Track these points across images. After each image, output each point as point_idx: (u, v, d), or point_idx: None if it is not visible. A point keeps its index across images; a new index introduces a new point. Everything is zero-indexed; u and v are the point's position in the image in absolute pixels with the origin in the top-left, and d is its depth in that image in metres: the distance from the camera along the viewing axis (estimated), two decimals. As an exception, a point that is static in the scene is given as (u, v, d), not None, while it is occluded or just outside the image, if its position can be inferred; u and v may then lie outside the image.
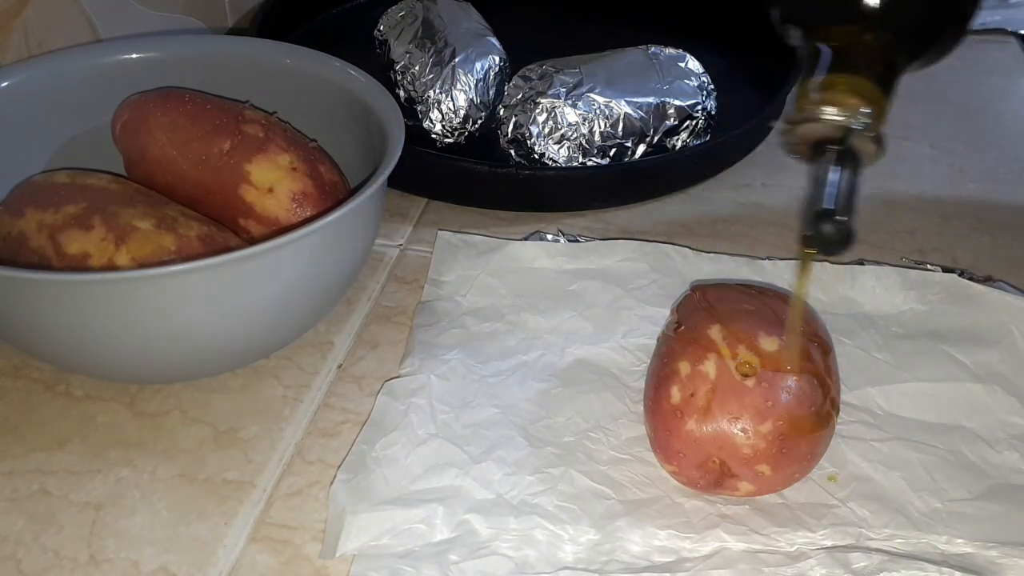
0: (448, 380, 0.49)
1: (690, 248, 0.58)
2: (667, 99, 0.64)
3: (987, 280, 0.56)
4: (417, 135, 0.66)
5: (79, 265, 0.44)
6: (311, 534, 0.42)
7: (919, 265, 0.57)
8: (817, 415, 0.41)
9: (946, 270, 0.56)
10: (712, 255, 0.58)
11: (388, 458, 0.44)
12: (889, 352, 0.52)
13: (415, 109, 0.67)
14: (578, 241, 0.58)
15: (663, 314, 0.49)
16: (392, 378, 0.49)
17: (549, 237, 0.58)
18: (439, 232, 0.59)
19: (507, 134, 0.64)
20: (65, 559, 0.41)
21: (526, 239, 0.59)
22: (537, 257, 0.57)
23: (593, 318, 0.53)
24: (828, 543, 0.42)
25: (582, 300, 0.54)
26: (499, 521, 0.42)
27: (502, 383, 0.49)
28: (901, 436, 0.47)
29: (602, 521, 0.42)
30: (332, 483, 0.43)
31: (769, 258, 0.58)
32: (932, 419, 0.48)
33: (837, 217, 0.36)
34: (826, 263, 0.57)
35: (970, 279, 0.55)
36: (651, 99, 0.64)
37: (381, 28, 0.74)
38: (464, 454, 0.45)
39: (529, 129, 0.62)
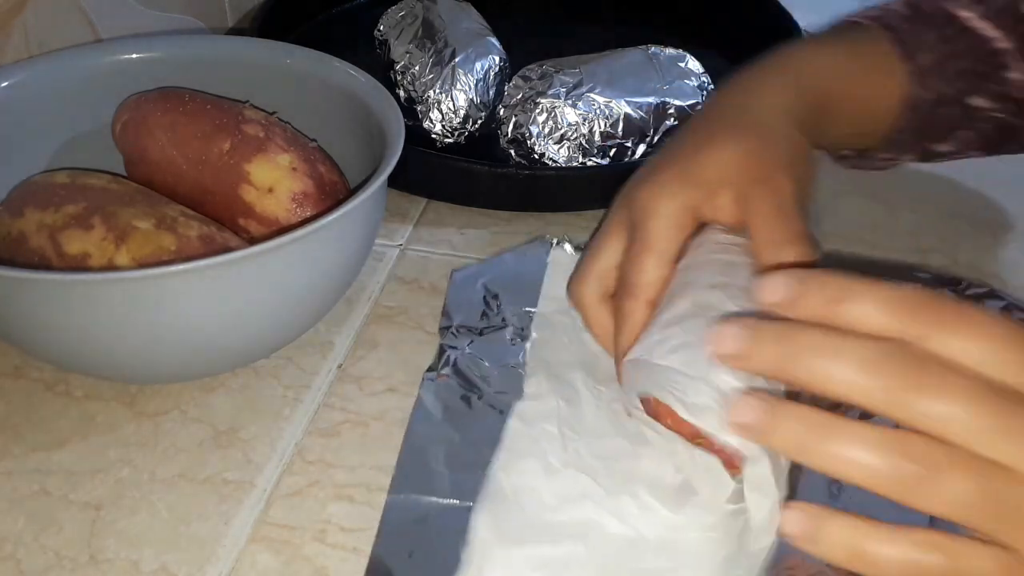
0: (575, 406, 0.46)
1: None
2: (667, 99, 0.64)
3: (990, 294, 0.53)
4: (417, 135, 0.66)
5: (79, 265, 0.44)
6: (311, 534, 0.42)
7: (917, 267, 0.57)
8: None
9: (947, 278, 0.54)
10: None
11: (524, 487, 0.42)
12: None
13: (415, 109, 0.67)
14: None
15: None
16: (518, 400, 0.46)
17: (555, 242, 0.57)
18: (552, 251, 0.55)
19: (507, 134, 0.64)
20: (65, 559, 0.41)
21: (528, 244, 0.58)
22: None
23: None
24: None
25: None
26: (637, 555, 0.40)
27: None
28: None
29: None
30: (471, 512, 0.41)
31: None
32: None
33: None
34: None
35: (967, 285, 0.53)
36: (651, 99, 0.64)
37: (381, 28, 0.74)
38: (598, 487, 0.42)
39: (529, 129, 0.62)
